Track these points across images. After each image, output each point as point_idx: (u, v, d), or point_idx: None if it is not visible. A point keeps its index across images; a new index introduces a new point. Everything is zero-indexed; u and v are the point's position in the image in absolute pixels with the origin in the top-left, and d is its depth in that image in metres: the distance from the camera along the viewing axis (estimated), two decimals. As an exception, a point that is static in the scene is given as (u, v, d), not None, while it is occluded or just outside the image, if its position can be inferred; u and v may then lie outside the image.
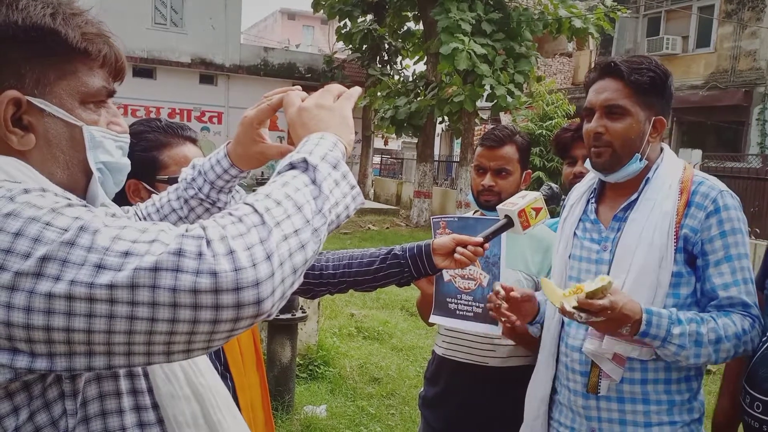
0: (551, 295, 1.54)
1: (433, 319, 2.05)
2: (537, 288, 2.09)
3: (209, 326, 0.73)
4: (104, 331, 0.72)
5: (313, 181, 0.86)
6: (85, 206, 0.80)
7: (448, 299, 2.02)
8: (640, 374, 1.63)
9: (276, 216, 0.79)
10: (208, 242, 0.73)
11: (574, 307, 1.44)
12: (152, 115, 18.03)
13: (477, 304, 1.98)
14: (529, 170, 2.23)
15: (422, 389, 2.35)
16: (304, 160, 0.88)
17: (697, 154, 13.07)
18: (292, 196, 0.82)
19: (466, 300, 2.00)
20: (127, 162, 1.02)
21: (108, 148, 0.97)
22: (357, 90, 1.09)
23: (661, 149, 1.74)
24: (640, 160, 1.66)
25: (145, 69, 19.74)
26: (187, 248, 0.72)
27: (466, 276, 1.98)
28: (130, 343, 0.74)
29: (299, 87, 1.14)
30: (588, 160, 1.74)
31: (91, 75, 0.94)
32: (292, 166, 0.88)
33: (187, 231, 0.75)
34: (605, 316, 1.44)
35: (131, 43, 18.94)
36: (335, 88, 1.07)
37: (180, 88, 19.98)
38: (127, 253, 0.72)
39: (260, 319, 0.77)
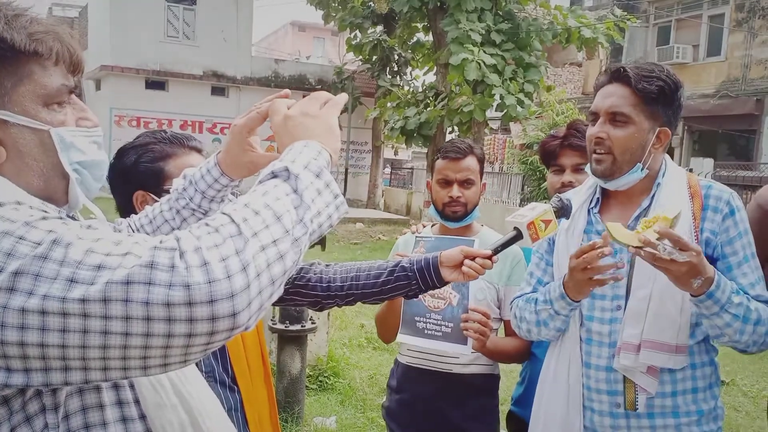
0: (622, 237, 1.46)
1: (400, 338, 2.08)
2: (498, 295, 2.15)
3: (184, 340, 0.72)
4: (78, 345, 0.72)
5: (295, 190, 0.84)
6: (61, 218, 0.79)
7: (416, 318, 2.04)
8: (671, 386, 1.61)
9: (253, 226, 0.77)
10: (182, 254, 0.72)
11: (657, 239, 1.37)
12: (164, 127, 18.15)
13: (446, 324, 2.00)
14: (485, 182, 2.28)
15: (385, 400, 2.36)
16: (286, 169, 0.86)
17: (709, 162, 13.00)
18: (272, 206, 0.80)
19: (435, 319, 2.02)
20: (104, 156, 1.00)
21: (80, 146, 0.94)
22: (343, 97, 1.07)
23: (663, 160, 1.71)
24: (642, 170, 1.63)
25: (158, 81, 19.92)
26: (160, 260, 0.71)
27: (436, 295, 2.00)
28: (105, 357, 0.73)
29: (288, 92, 1.13)
30: (588, 165, 1.71)
31: (48, 75, 0.91)
32: (273, 175, 0.87)
33: (161, 242, 0.74)
34: (689, 256, 1.38)
35: (144, 56, 19.15)
36: (322, 95, 1.05)
37: (192, 100, 20.12)
38: (99, 267, 0.71)
39: (237, 332, 0.75)
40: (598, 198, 1.75)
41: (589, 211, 1.75)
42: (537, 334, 1.78)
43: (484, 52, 12.79)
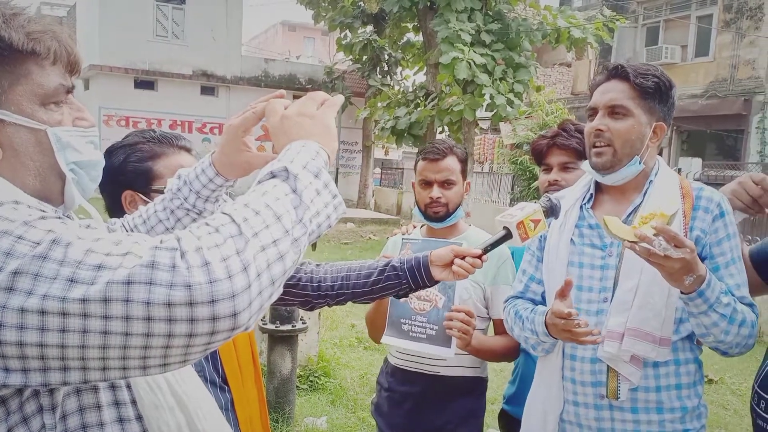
0: (618, 230, 1.47)
1: (385, 340, 2.10)
2: (485, 294, 2.16)
3: (185, 340, 0.72)
4: (78, 345, 0.71)
5: (294, 190, 0.84)
6: (60, 218, 0.79)
7: (402, 320, 2.06)
8: (655, 381, 1.63)
9: (254, 226, 0.77)
10: (182, 254, 0.72)
11: (654, 235, 1.39)
12: (154, 127, 18.09)
13: (431, 326, 2.01)
14: (469, 180, 2.27)
15: (374, 396, 2.40)
16: (285, 169, 0.86)
17: (697, 162, 13.06)
18: (272, 206, 0.80)
19: (420, 321, 2.03)
20: (100, 156, 1.00)
21: (77, 146, 0.94)
22: (339, 98, 1.07)
23: (656, 160, 1.74)
24: (639, 162, 1.66)
25: (147, 81, 19.82)
26: (161, 260, 0.71)
27: (422, 297, 2.02)
28: (104, 357, 0.73)
29: (283, 92, 1.13)
30: (587, 161, 1.74)
31: (45, 74, 0.90)
32: (272, 175, 0.86)
33: (161, 242, 0.74)
34: (684, 253, 1.40)
35: (133, 55, 19.05)
36: (318, 95, 1.04)
37: (181, 100, 20.04)
38: (99, 267, 0.71)
39: (237, 332, 0.75)
40: (591, 194, 1.77)
41: (581, 207, 1.77)
42: (528, 347, 1.83)
43: (474, 51, 12.82)
